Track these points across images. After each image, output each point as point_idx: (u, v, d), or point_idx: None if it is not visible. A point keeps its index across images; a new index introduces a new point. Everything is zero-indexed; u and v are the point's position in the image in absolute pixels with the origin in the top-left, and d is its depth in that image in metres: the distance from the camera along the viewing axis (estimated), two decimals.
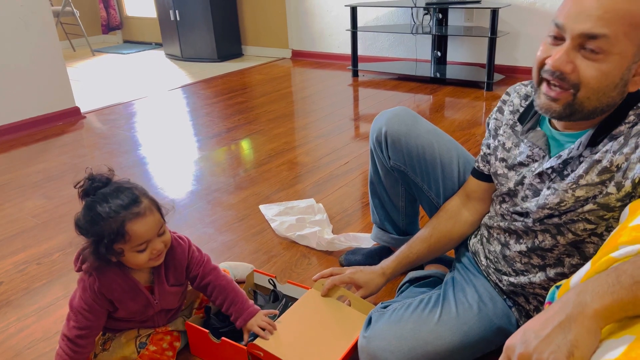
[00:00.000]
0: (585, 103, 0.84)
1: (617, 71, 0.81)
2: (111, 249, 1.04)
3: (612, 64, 0.80)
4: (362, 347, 1.09)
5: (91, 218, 1.02)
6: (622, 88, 0.83)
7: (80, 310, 1.11)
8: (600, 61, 0.80)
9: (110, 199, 1.03)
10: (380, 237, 1.51)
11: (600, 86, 0.82)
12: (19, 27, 2.92)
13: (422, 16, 3.87)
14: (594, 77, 0.81)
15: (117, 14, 6.01)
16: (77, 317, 1.11)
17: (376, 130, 1.32)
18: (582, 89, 0.83)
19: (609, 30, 0.78)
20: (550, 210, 0.94)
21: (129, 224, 1.02)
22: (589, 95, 0.83)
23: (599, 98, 0.83)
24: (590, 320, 0.60)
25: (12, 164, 2.57)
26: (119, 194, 1.04)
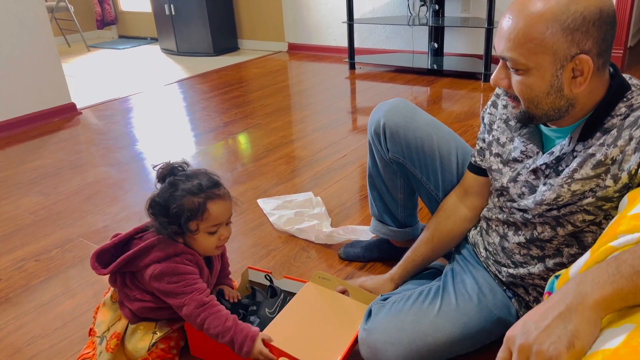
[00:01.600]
0: (532, 111, 0.90)
1: (540, 82, 0.86)
2: (186, 226, 1.10)
3: (533, 76, 0.86)
4: (362, 339, 1.09)
5: (175, 193, 1.09)
6: (558, 93, 0.87)
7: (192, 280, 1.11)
8: (522, 75, 0.87)
9: (193, 179, 1.11)
10: (379, 230, 1.50)
11: (531, 96, 0.88)
12: (13, 24, 2.90)
13: (418, 7, 3.85)
14: (521, 90, 0.88)
15: (111, 9, 5.98)
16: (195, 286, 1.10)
17: (374, 122, 1.31)
18: (522, 101, 0.90)
19: (515, 53, 0.85)
20: (548, 206, 0.95)
21: (210, 202, 1.10)
22: (528, 104, 0.89)
23: (538, 106, 0.89)
24: (590, 311, 0.60)
25: (8, 161, 2.56)
26: (201, 177, 1.13)
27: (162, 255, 1.11)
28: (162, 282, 1.10)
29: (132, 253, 1.12)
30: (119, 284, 1.18)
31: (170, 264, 1.11)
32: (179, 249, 1.12)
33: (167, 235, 1.11)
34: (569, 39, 0.81)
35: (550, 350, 0.58)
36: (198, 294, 1.10)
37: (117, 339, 1.17)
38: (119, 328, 1.18)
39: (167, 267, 1.10)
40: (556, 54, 0.82)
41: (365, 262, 1.57)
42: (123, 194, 2.13)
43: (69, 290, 1.54)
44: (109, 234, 1.83)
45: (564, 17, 0.80)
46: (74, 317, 1.42)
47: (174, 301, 1.11)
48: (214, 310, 1.10)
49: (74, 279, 1.59)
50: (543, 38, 0.82)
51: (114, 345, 1.16)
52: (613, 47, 3.32)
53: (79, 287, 1.55)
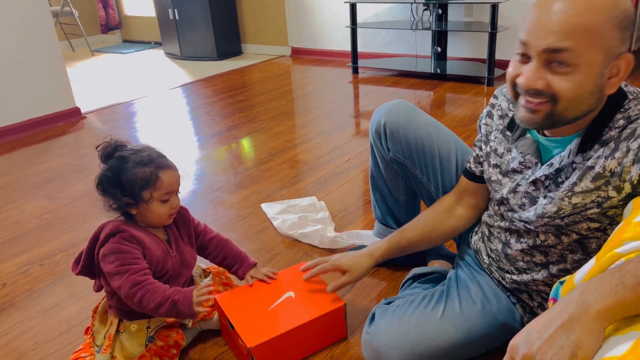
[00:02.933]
0: (565, 113, 0.84)
1: (589, 80, 0.81)
2: (140, 195, 1.13)
3: (582, 73, 0.80)
4: (365, 342, 1.09)
5: (126, 165, 1.12)
6: (599, 93, 0.83)
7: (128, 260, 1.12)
8: (570, 73, 0.80)
9: (140, 152, 1.15)
10: (382, 233, 1.51)
11: (576, 96, 0.82)
12: (17, 28, 2.92)
13: (421, 12, 3.86)
14: (568, 88, 0.81)
15: (115, 13, 6.00)
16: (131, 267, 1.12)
17: (375, 122, 1.33)
18: (560, 101, 0.82)
19: (572, 43, 0.78)
20: (550, 219, 0.94)
21: (161, 171, 1.15)
22: (567, 105, 0.83)
23: (578, 107, 0.83)
24: (593, 321, 0.60)
25: (13, 166, 2.57)
26: (147, 150, 1.17)
27: (103, 237, 1.14)
28: (104, 264, 1.13)
29: (88, 243, 1.16)
30: (97, 287, 1.22)
31: (109, 244, 1.13)
32: (113, 227, 1.14)
33: (120, 207, 1.15)
34: (621, 36, 0.79)
35: None
36: (131, 275, 1.11)
37: (110, 339, 1.18)
38: (112, 330, 1.20)
39: (106, 248, 1.13)
40: (609, 50, 0.79)
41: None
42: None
43: (74, 295, 1.54)
44: None
45: (616, 13, 0.78)
46: (78, 322, 1.42)
47: (113, 283, 1.13)
48: (150, 287, 1.11)
49: (78, 284, 1.59)
50: (602, 31, 0.78)
51: (106, 346, 1.17)
52: None
53: (83, 292, 1.55)
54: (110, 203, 1.15)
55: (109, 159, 1.16)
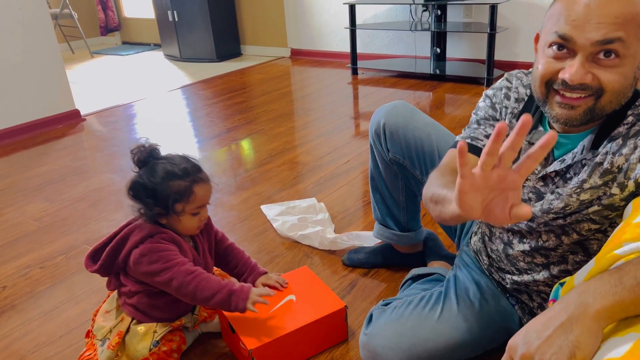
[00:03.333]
0: (606, 107, 0.83)
1: (632, 71, 0.81)
2: (173, 208, 1.14)
3: (628, 65, 0.80)
4: (362, 343, 1.10)
5: (162, 176, 1.13)
6: (632, 88, 0.83)
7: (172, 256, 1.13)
8: (617, 65, 0.79)
9: (177, 162, 1.15)
10: (382, 234, 1.51)
11: (621, 88, 0.81)
12: (17, 31, 2.92)
13: (420, 13, 3.86)
14: (615, 81, 0.80)
15: (115, 15, 6.01)
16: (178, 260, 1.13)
17: (375, 123, 1.33)
18: (606, 94, 0.81)
19: (623, 33, 0.77)
20: (555, 215, 0.94)
21: (195, 186, 1.15)
22: (612, 98, 0.82)
23: (619, 100, 0.83)
24: (591, 321, 0.60)
25: (13, 168, 2.57)
26: (184, 161, 1.17)
27: (138, 239, 1.14)
28: (143, 265, 1.13)
29: (114, 244, 1.16)
30: (114, 286, 1.21)
31: (147, 245, 1.13)
32: (153, 229, 1.15)
33: (150, 216, 1.15)
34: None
35: None
36: (182, 265, 1.13)
37: (119, 337, 1.18)
38: (122, 327, 1.20)
39: (144, 248, 1.13)
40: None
41: (369, 269, 1.57)
42: (127, 200, 2.14)
43: (74, 297, 1.54)
44: None
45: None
46: (79, 324, 1.42)
47: (160, 278, 1.13)
48: (205, 276, 1.14)
49: (78, 286, 1.59)
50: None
51: (115, 343, 1.17)
52: None
53: (83, 294, 1.55)
54: (140, 209, 1.15)
55: (144, 164, 1.16)
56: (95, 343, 1.21)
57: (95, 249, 1.20)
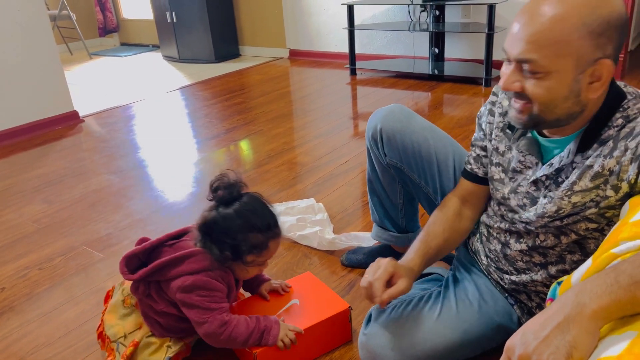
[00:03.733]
0: (543, 115, 0.87)
1: (560, 86, 0.83)
2: (244, 258, 1.12)
3: (553, 80, 0.83)
4: (361, 343, 1.10)
5: (243, 226, 1.10)
6: (576, 98, 0.85)
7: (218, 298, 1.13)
8: (541, 79, 0.83)
9: (260, 213, 1.13)
10: (380, 236, 1.51)
11: (548, 100, 0.85)
12: (15, 32, 2.92)
13: (419, 13, 3.87)
14: (539, 93, 0.85)
15: (113, 16, 6.01)
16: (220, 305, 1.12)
17: (371, 127, 1.32)
18: (534, 104, 0.86)
19: (537, 54, 0.81)
20: (550, 218, 0.95)
21: (272, 241, 1.14)
22: (542, 108, 0.86)
23: (553, 110, 0.86)
24: (588, 321, 0.60)
25: (11, 169, 2.57)
26: (266, 210, 1.14)
27: (196, 268, 1.11)
28: (190, 294, 1.10)
29: (166, 260, 1.12)
30: (141, 293, 1.17)
31: (203, 277, 1.11)
32: (215, 264, 1.12)
33: (218, 257, 1.11)
34: (594, 42, 0.80)
35: None
36: (220, 313, 1.11)
37: (134, 346, 1.17)
38: (137, 337, 1.18)
39: (199, 280, 1.10)
40: (580, 58, 0.81)
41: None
42: (126, 201, 2.14)
43: (73, 299, 1.54)
44: (112, 241, 1.83)
45: (590, 20, 0.78)
46: (77, 325, 1.42)
47: (196, 316, 1.11)
48: (234, 323, 1.12)
49: (77, 287, 1.59)
50: (569, 41, 0.79)
51: (130, 353, 1.16)
52: None
53: (82, 295, 1.55)
54: (208, 245, 1.12)
55: (225, 203, 1.11)
56: (113, 347, 1.20)
57: (131, 254, 1.17)
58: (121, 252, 1.76)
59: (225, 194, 1.12)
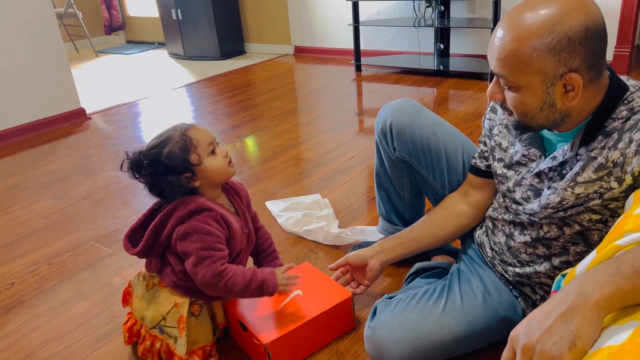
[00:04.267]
0: (525, 122, 0.92)
1: (532, 99, 0.87)
2: (190, 163, 1.11)
3: (524, 94, 0.87)
4: (367, 336, 1.11)
5: (159, 156, 1.10)
6: (550, 108, 0.87)
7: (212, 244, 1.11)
8: (514, 92, 0.88)
9: (156, 140, 1.13)
10: (386, 229, 1.51)
11: (524, 111, 0.89)
12: (22, 31, 2.94)
13: (424, 9, 3.86)
14: (514, 105, 0.90)
15: (119, 14, 6.03)
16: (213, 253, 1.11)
17: (381, 121, 1.33)
18: (514, 114, 0.92)
19: (505, 70, 0.86)
20: (553, 209, 0.95)
21: (188, 132, 1.13)
22: (522, 118, 0.91)
23: (532, 119, 0.90)
24: (591, 311, 0.61)
25: (19, 166, 2.60)
26: (160, 135, 1.15)
27: (183, 214, 1.11)
28: (185, 242, 1.10)
29: (156, 222, 1.13)
30: (155, 267, 1.17)
31: (193, 222, 1.10)
32: (198, 204, 1.11)
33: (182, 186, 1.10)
34: (556, 59, 0.82)
35: (552, 350, 0.60)
36: (213, 262, 1.10)
37: (183, 322, 1.16)
38: (182, 312, 1.17)
39: (190, 225, 1.10)
40: (545, 74, 0.84)
41: None
42: (133, 197, 2.16)
43: (81, 293, 1.56)
44: (119, 237, 1.85)
45: (549, 39, 0.81)
46: (86, 320, 1.44)
47: (189, 262, 1.10)
48: (230, 274, 1.11)
49: (85, 282, 1.61)
50: (530, 60, 0.83)
51: (181, 329, 1.15)
52: (620, 46, 3.30)
53: (90, 290, 1.57)
54: (172, 190, 1.10)
55: (141, 167, 1.11)
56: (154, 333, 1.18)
57: (133, 229, 1.18)
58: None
59: (133, 161, 1.12)
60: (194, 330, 1.18)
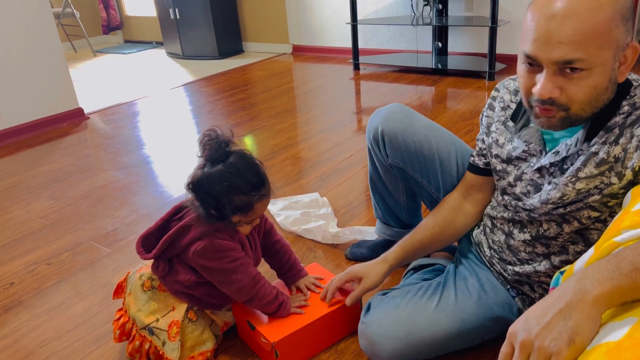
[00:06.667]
0: (581, 113, 0.85)
1: (603, 79, 0.81)
2: (230, 219, 1.11)
3: (597, 75, 0.80)
4: (360, 332, 1.12)
5: (227, 188, 1.08)
6: (613, 87, 0.84)
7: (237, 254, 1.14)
8: (585, 77, 0.80)
9: (244, 175, 1.09)
10: (384, 232, 1.51)
11: (591, 98, 0.83)
12: (20, 30, 2.93)
13: (422, 7, 3.86)
14: (583, 93, 0.81)
15: (117, 14, 6.02)
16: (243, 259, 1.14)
17: (372, 129, 1.31)
18: (573, 106, 0.83)
19: (583, 52, 0.78)
20: (554, 205, 0.95)
21: (257, 203, 1.11)
22: (583, 107, 0.84)
23: (594, 105, 0.84)
24: (590, 307, 0.61)
25: (18, 166, 2.59)
26: (252, 171, 1.11)
27: (203, 231, 1.12)
28: (205, 259, 1.12)
29: (172, 233, 1.13)
30: (162, 271, 1.17)
31: (213, 240, 1.11)
32: (219, 225, 1.12)
33: (205, 215, 1.10)
34: (626, 28, 0.80)
35: (551, 346, 0.60)
36: (246, 268, 1.13)
37: (177, 326, 1.16)
38: (177, 317, 1.17)
39: (210, 244, 1.11)
40: (617, 46, 0.80)
41: None
42: (132, 197, 2.16)
43: (80, 293, 1.56)
44: (118, 237, 1.85)
45: (619, 6, 0.78)
46: (85, 319, 1.44)
47: (222, 277, 1.13)
48: (263, 281, 1.16)
49: (84, 282, 1.61)
50: (610, 32, 0.78)
51: (175, 334, 1.16)
52: None
53: (89, 290, 1.57)
54: (196, 204, 1.11)
55: (211, 162, 1.09)
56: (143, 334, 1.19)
57: (147, 234, 1.18)
58: (127, 246, 1.78)
59: (212, 151, 1.09)
60: (191, 336, 1.18)
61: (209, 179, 1.08)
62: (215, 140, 1.09)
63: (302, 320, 1.19)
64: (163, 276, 1.19)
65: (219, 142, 1.09)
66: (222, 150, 1.10)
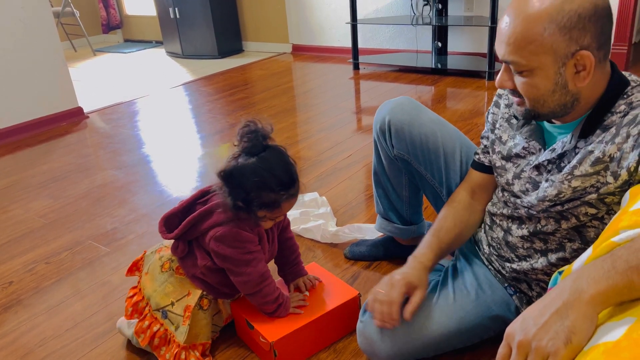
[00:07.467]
0: (537, 109, 0.91)
1: (545, 81, 0.87)
2: (255, 212, 1.10)
3: (537, 76, 0.87)
4: (359, 330, 1.12)
5: (257, 184, 1.07)
6: (563, 90, 0.87)
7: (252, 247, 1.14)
8: (526, 76, 0.88)
9: (276, 172, 1.09)
10: (384, 227, 1.52)
11: (537, 96, 0.89)
12: (19, 29, 2.93)
13: (421, 7, 3.86)
14: (526, 90, 0.89)
15: (117, 13, 6.02)
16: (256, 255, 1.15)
17: (380, 119, 1.33)
18: (527, 102, 0.91)
19: (516, 54, 0.86)
20: (550, 202, 0.96)
21: (284, 202, 1.11)
22: (534, 103, 0.91)
23: (545, 104, 0.89)
24: (586, 306, 0.61)
25: (17, 166, 2.59)
26: (284, 169, 1.10)
27: (225, 218, 1.12)
28: (222, 245, 1.12)
29: (196, 215, 1.14)
30: (181, 252, 1.18)
31: (233, 228, 1.12)
32: (243, 215, 1.12)
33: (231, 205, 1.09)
34: (567, 37, 0.82)
35: (548, 346, 0.60)
36: (257, 263, 1.14)
37: (189, 311, 1.16)
38: (191, 302, 1.17)
39: (230, 231, 1.11)
40: (556, 53, 0.84)
41: (371, 261, 1.58)
42: (131, 196, 2.16)
43: (79, 292, 1.56)
44: (117, 236, 1.85)
45: (559, 17, 0.82)
46: (84, 318, 1.44)
47: (232, 267, 1.13)
48: (270, 280, 1.17)
49: (83, 281, 1.61)
50: (542, 39, 0.83)
51: (186, 317, 1.16)
52: (617, 44, 3.31)
53: (88, 289, 1.57)
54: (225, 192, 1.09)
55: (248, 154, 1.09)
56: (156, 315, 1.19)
57: (170, 215, 1.19)
58: (127, 246, 1.78)
59: (248, 143, 1.09)
60: (198, 324, 1.18)
61: (240, 171, 1.08)
62: (254, 132, 1.09)
63: (301, 320, 1.19)
64: (182, 257, 1.19)
65: (257, 135, 1.10)
66: (259, 143, 1.10)
